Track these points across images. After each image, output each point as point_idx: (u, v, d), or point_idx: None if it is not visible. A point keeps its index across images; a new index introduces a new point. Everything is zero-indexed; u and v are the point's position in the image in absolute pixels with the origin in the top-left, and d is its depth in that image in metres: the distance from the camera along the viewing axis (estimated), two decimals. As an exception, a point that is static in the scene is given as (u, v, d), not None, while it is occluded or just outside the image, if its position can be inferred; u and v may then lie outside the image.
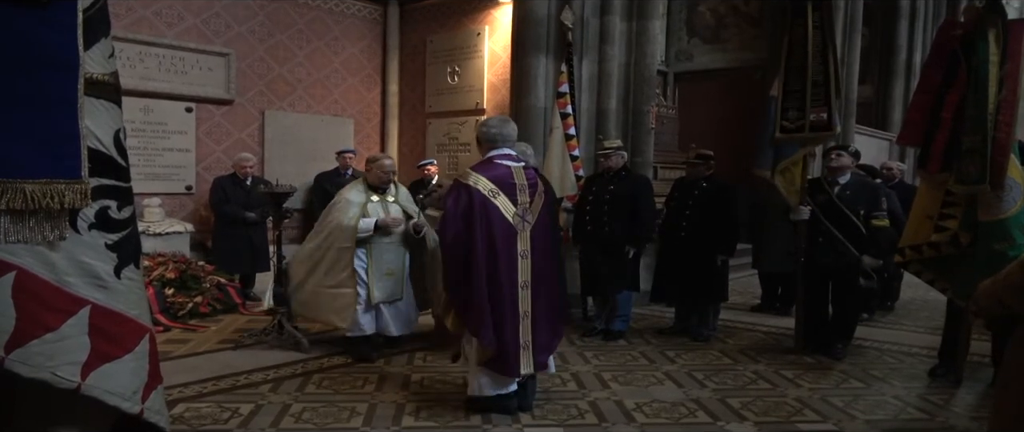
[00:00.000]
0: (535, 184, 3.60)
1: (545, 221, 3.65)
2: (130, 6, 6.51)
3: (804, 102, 4.71)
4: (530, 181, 3.58)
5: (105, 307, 1.49)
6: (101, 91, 1.50)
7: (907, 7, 12.11)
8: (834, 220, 4.79)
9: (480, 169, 3.50)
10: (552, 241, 3.71)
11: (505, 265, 3.43)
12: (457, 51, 8.28)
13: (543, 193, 3.65)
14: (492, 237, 3.40)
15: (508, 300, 3.44)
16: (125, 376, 1.51)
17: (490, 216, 3.40)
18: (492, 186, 3.43)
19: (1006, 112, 3.84)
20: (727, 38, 10.59)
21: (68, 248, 1.45)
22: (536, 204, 3.59)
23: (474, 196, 3.38)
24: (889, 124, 11.98)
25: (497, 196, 3.44)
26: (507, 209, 3.46)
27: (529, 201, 3.54)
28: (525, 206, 3.52)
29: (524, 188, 3.53)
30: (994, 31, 3.89)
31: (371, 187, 4.68)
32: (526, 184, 3.54)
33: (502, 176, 3.48)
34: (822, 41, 4.67)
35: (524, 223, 3.51)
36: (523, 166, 3.61)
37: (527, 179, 3.56)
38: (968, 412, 3.78)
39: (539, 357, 3.57)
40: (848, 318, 4.97)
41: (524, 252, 3.50)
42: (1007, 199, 3.84)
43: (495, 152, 3.57)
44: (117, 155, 1.54)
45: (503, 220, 3.43)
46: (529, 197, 3.54)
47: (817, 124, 4.70)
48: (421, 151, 8.53)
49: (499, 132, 3.59)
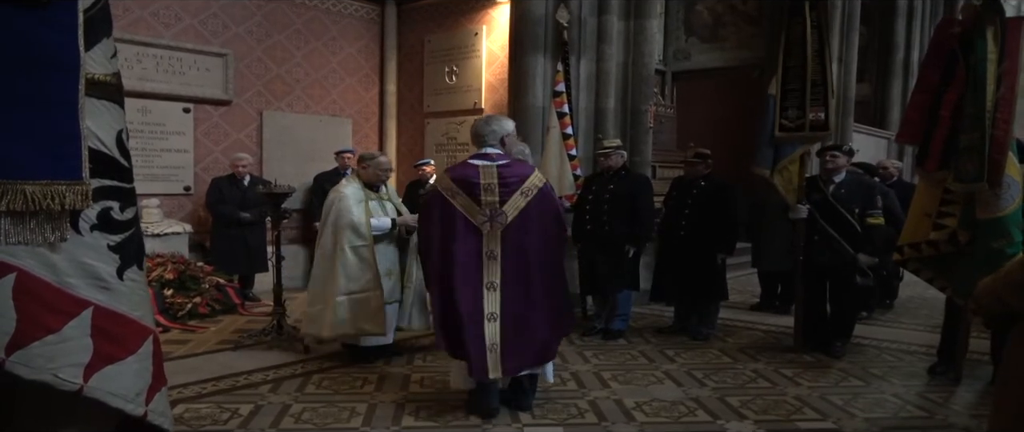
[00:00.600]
0: (513, 182, 3.46)
1: (529, 221, 3.47)
2: (127, 7, 6.49)
3: (804, 101, 4.72)
4: (505, 180, 3.45)
5: (107, 308, 1.48)
6: (103, 91, 1.49)
7: (905, 6, 12.13)
8: (830, 219, 4.80)
9: (450, 170, 3.56)
10: (542, 242, 3.49)
11: (464, 265, 3.40)
12: (455, 51, 8.26)
13: (528, 192, 3.48)
14: (450, 237, 3.42)
15: (468, 300, 3.39)
16: (128, 378, 1.51)
17: (448, 216, 3.43)
18: (453, 187, 3.47)
19: (1004, 110, 3.85)
20: (725, 37, 10.60)
21: (69, 249, 1.45)
22: (513, 203, 3.44)
23: (435, 198, 3.49)
24: (887, 122, 11.99)
25: (456, 196, 3.44)
26: (468, 209, 3.42)
27: (499, 200, 3.42)
28: (494, 205, 3.42)
29: (492, 187, 3.43)
30: (992, 29, 3.90)
31: (366, 185, 4.56)
32: (496, 183, 3.44)
33: (466, 176, 3.46)
34: (819, 41, 4.68)
35: (492, 223, 3.42)
36: (500, 165, 3.48)
37: (500, 178, 3.45)
38: (967, 410, 3.79)
39: (509, 362, 3.40)
40: (847, 316, 4.98)
41: (492, 252, 3.42)
42: (1005, 197, 3.85)
43: (475, 152, 3.57)
44: (119, 156, 1.54)
45: (463, 220, 3.42)
46: (500, 196, 3.42)
47: (816, 123, 4.71)
48: (420, 151, 8.52)
49: (475, 131, 3.59)
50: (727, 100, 10.18)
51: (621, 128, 6.68)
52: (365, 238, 4.32)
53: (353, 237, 4.32)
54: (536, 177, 3.53)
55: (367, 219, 4.35)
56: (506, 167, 3.48)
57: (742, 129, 9.04)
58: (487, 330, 3.38)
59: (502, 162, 3.49)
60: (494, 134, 3.54)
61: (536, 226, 3.47)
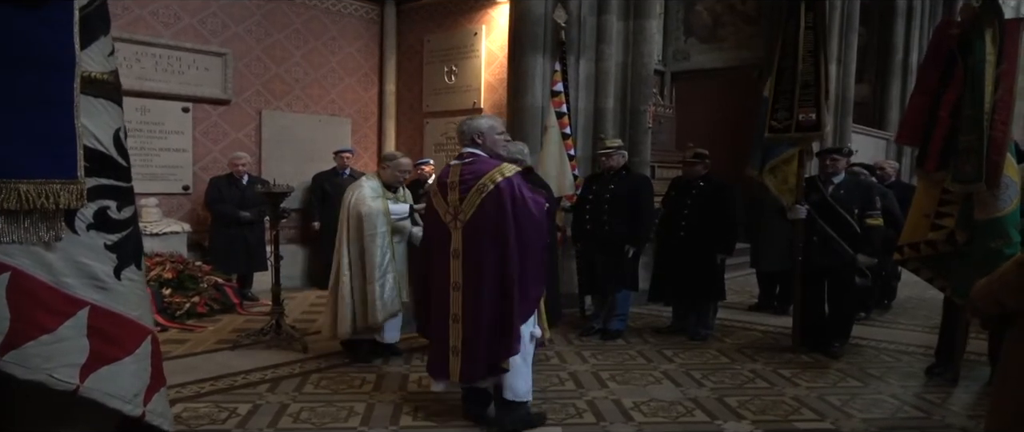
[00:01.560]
0: (469, 180, 3.34)
1: (483, 220, 3.30)
2: (127, 6, 6.48)
3: (792, 102, 4.72)
4: (466, 177, 3.36)
5: (104, 308, 1.48)
6: (100, 90, 1.49)
7: (904, 6, 12.14)
8: (828, 219, 4.80)
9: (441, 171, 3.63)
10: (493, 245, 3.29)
11: (438, 263, 3.46)
12: (454, 51, 8.26)
13: (483, 189, 3.29)
14: (432, 239, 3.55)
15: (439, 299, 3.44)
16: (126, 378, 1.50)
17: (430, 214, 3.57)
18: (434, 185, 3.58)
19: (1002, 111, 3.86)
20: (724, 37, 10.60)
21: (65, 249, 1.44)
22: (469, 201, 3.32)
23: (427, 197, 3.68)
24: (886, 123, 12.00)
25: (435, 195, 3.51)
26: (440, 207, 3.45)
27: (459, 198, 3.35)
28: (455, 204, 3.37)
29: (454, 186, 3.39)
30: (991, 30, 3.90)
31: (384, 185, 4.56)
32: (458, 182, 3.38)
33: (444, 174, 3.50)
34: (814, 42, 4.68)
35: (455, 222, 3.38)
36: (464, 163, 3.41)
37: (461, 176, 3.37)
38: (965, 411, 3.79)
39: (466, 366, 3.32)
40: (845, 317, 4.98)
41: (455, 252, 3.37)
42: (1003, 197, 3.86)
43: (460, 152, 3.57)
44: (117, 154, 1.53)
45: (437, 218, 3.47)
46: (459, 194, 3.35)
47: (805, 124, 4.70)
48: (419, 151, 8.51)
49: (457, 131, 3.58)
50: (726, 100, 10.18)
51: (620, 128, 6.68)
52: (384, 224, 4.40)
53: (369, 226, 4.39)
54: (495, 173, 3.31)
55: (387, 208, 4.43)
56: (468, 165, 3.40)
57: (741, 129, 9.04)
58: (451, 331, 3.36)
59: (467, 160, 3.42)
60: (464, 135, 3.50)
61: (489, 226, 3.30)
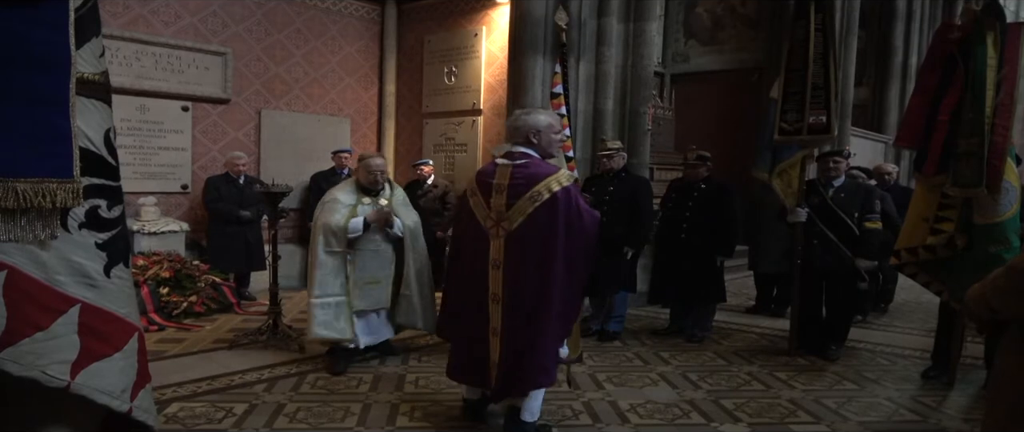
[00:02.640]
0: (520, 185, 3.03)
1: (533, 233, 3.01)
2: (127, 4, 6.50)
3: (803, 104, 4.70)
4: (517, 180, 3.04)
5: (95, 306, 1.49)
6: (92, 90, 1.50)
7: (903, 9, 12.15)
8: (828, 222, 4.81)
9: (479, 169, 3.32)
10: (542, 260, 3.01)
11: (471, 271, 3.14)
12: (454, 51, 8.27)
13: (537, 198, 3.01)
14: (465, 238, 3.24)
15: (473, 307, 3.14)
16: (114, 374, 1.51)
17: (467, 217, 3.22)
18: (473, 184, 3.22)
19: (1003, 116, 3.86)
20: (724, 40, 10.61)
21: (59, 247, 1.45)
22: (519, 209, 3.01)
23: (463, 195, 3.33)
24: (885, 126, 12.01)
25: (474, 195, 3.17)
26: (478, 210, 3.13)
27: (506, 204, 3.03)
28: (500, 210, 3.04)
29: (501, 189, 3.05)
30: (992, 35, 3.90)
31: (362, 189, 4.40)
32: (506, 184, 3.05)
33: (485, 173, 3.17)
34: (824, 44, 4.66)
35: (498, 228, 3.06)
36: (516, 165, 3.07)
37: (511, 179, 3.05)
38: (961, 414, 3.80)
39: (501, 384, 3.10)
40: (842, 320, 4.98)
41: (496, 261, 3.05)
42: (1003, 202, 3.86)
43: (504, 149, 3.20)
44: (107, 154, 1.55)
45: (474, 222, 3.15)
46: (506, 199, 3.03)
47: (816, 127, 4.69)
48: (418, 151, 8.52)
49: (509, 125, 3.22)
50: (725, 103, 10.19)
51: (620, 130, 6.69)
52: (340, 243, 4.20)
53: (329, 240, 4.21)
54: (551, 181, 3.02)
55: (346, 224, 4.20)
56: (520, 167, 3.06)
57: (740, 132, 9.07)
58: (491, 345, 3.11)
59: (520, 162, 3.08)
60: (519, 131, 3.12)
61: (537, 239, 3.00)
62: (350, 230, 4.20)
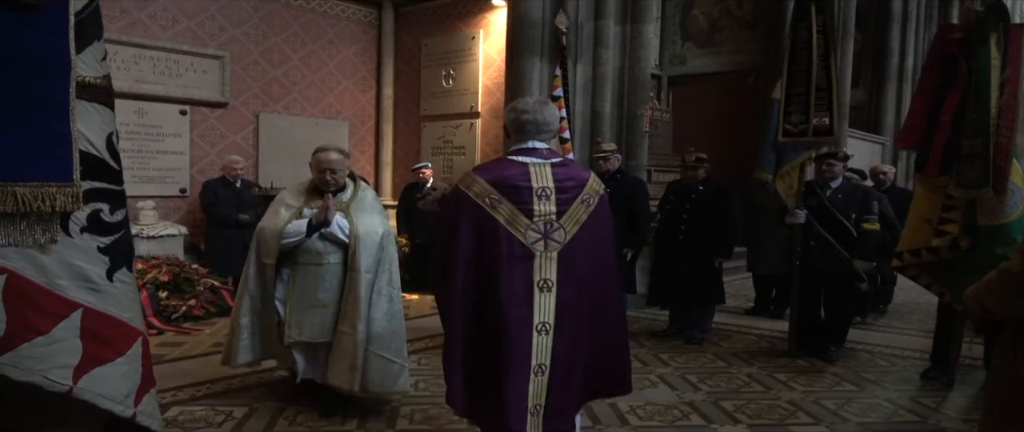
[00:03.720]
0: (571, 187, 2.58)
1: (593, 240, 2.60)
2: (125, 8, 6.50)
3: (808, 106, 4.70)
4: (564, 182, 2.57)
5: (97, 310, 1.49)
6: (93, 94, 1.50)
7: (899, 11, 12.19)
8: (826, 224, 4.81)
9: (482, 169, 2.60)
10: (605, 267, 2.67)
11: (509, 299, 2.47)
12: (452, 54, 8.29)
13: (590, 201, 2.60)
14: (487, 261, 2.48)
15: (515, 345, 2.47)
16: (117, 379, 1.51)
17: (485, 232, 2.49)
18: (491, 190, 2.49)
19: (1007, 117, 3.84)
20: (720, 42, 10.63)
21: (60, 251, 1.45)
22: (573, 215, 2.55)
23: (465, 205, 2.51)
24: (882, 128, 12.04)
25: (498, 205, 2.49)
26: (514, 222, 2.49)
27: (556, 211, 2.52)
28: (549, 218, 2.51)
29: (547, 192, 2.52)
30: (995, 35, 3.90)
31: (315, 189, 3.52)
32: (551, 187, 2.53)
33: (510, 177, 2.52)
34: (825, 46, 4.67)
35: (546, 242, 2.51)
36: (555, 164, 2.59)
37: (556, 180, 2.56)
38: (960, 415, 3.80)
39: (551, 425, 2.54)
40: (841, 321, 4.99)
41: (545, 282, 2.50)
42: (1009, 203, 3.85)
43: (516, 146, 2.63)
44: (110, 158, 1.54)
45: (508, 237, 2.48)
46: (558, 205, 2.53)
47: (820, 128, 4.69)
48: (416, 154, 8.53)
49: (531, 117, 2.59)
50: (723, 104, 10.21)
51: (617, 132, 6.70)
52: (270, 252, 3.38)
53: (262, 247, 3.45)
54: (595, 181, 2.67)
55: (284, 227, 3.38)
56: (561, 167, 2.61)
57: (738, 134, 9.08)
58: (532, 387, 2.49)
59: (556, 160, 2.62)
60: (547, 125, 2.63)
61: (593, 250, 2.61)
62: (286, 235, 3.34)
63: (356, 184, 3.63)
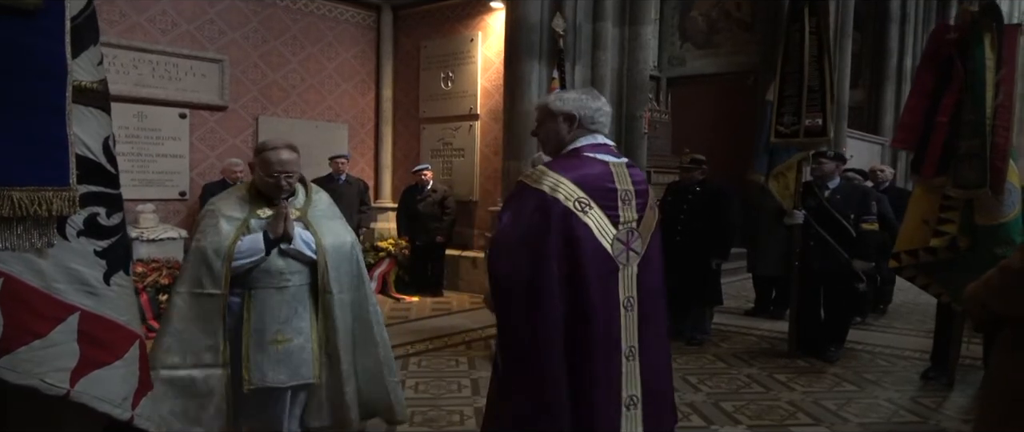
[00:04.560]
0: (646, 190, 2.29)
1: (658, 251, 2.34)
2: (123, 12, 6.50)
3: (800, 107, 4.72)
4: (639, 185, 2.26)
5: (94, 313, 1.49)
6: (90, 99, 1.50)
7: (897, 12, 12.21)
8: (825, 224, 4.82)
9: (562, 167, 2.14)
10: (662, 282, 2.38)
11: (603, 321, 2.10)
12: (451, 57, 8.29)
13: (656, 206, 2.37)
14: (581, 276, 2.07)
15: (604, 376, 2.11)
16: (115, 382, 1.51)
17: (578, 242, 2.07)
18: (579, 192, 2.09)
19: (1003, 116, 3.86)
20: (719, 43, 10.65)
21: (57, 255, 1.45)
22: (649, 222, 2.27)
23: (552, 210, 2.05)
24: (881, 128, 12.06)
25: (589, 210, 2.09)
26: (604, 231, 2.11)
27: (637, 218, 2.21)
28: (630, 226, 2.18)
29: (629, 196, 2.19)
30: (990, 36, 3.91)
31: (259, 195, 2.77)
32: (632, 191, 2.21)
33: (598, 177, 2.14)
34: (818, 47, 4.69)
35: (628, 253, 2.17)
36: (628, 162, 2.27)
37: (634, 183, 2.23)
38: (960, 415, 3.80)
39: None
40: (841, 321, 4.99)
41: (629, 300, 2.16)
42: (1007, 203, 3.86)
43: (586, 141, 2.22)
44: (106, 162, 1.55)
45: (599, 250, 2.10)
46: (637, 212, 2.21)
47: (812, 129, 4.70)
48: (416, 156, 8.53)
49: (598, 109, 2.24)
50: (722, 106, 10.22)
51: (616, 134, 6.70)
52: (216, 280, 2.57)
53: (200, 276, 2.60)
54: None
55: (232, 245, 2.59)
56: (634, 168, 2.29)
57: (737, 134, 9.09)
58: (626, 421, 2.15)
59: (626, 159, 2.28)
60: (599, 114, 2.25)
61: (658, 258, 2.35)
62: (238, 254, 2.59)
63: (307, 187, 2.95)
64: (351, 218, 7.27)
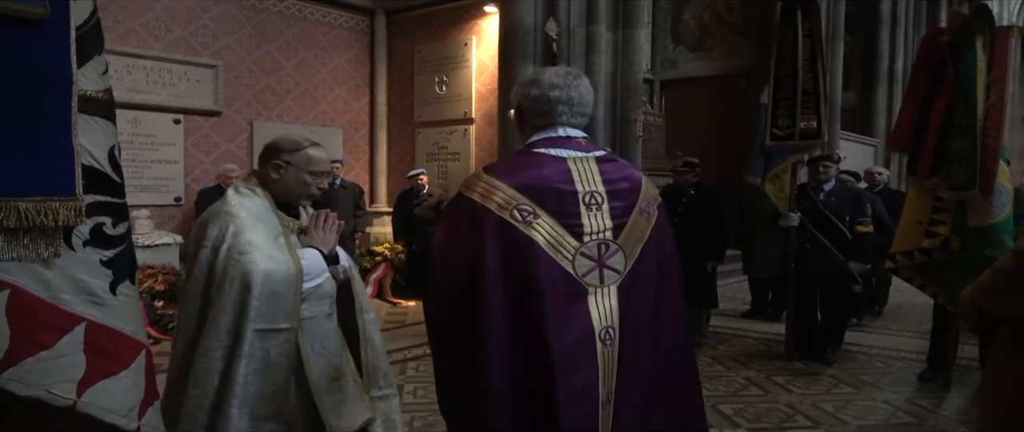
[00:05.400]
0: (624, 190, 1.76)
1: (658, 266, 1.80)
2: (118, 18, 6.48)
3: (794, 110, 4.75)
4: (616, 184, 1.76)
5: (101, 324, 1.48)
6: (95, 108, 1.50)
7: (888, 15, 12.30)
8: (820, 226, 4.84)
9: (500, 170, 1.73)
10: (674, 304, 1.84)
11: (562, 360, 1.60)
12: (445, 61, 8.30)
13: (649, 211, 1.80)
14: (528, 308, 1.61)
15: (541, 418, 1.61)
16: (121, 393, 1.50)
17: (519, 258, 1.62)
18: (520, 199, 1.65)
19: (994, 118, 3.90)
20: (712, 46, 10.69)
21: (63, 265, 1.44)
22: (635, 230, 1.75)
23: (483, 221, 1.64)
24: (873, 130, 12.13)
25: (534, 220, 1.64)
26: (560, 245, 1.65)
27: (611, 227, 1.71)
28: (602, 236, 1.69)
29: (598, 200, 1.71)
30: (982, 38, 3.95)
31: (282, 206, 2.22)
32: (602, 193, 1.72)
33: (547, 178, 1.69)
34: (811, 50, 4.72)
35: (602, 272, 1.68)
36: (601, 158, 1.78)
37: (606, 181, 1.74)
38: (957, 416, 3.82)
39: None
40: (838, 323, 5.01)
41: (605, 332, 1.65)
42: (997, 204, 3.90)
43: (542, 135, 1.78)
44: (111, 171, 1.54)
45: (553, 269, 1.63)
46: (613, 218, 1.72)
47: (807, 132, 4.74)
48: (411, 161, 8.53)
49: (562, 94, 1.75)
50: (715, 108, 10.27)
51: (611, 137, 6.73)
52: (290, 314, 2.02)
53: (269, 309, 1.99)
54: (650, 184, 1.87)
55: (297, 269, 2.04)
56: (609, 163, 1.79)
57: (730, 137, 9.13)
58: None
59: (600, 153, 1.80)
60: (584, 104, 1.79)
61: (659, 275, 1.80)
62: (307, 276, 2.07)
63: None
64: (347, 223, 7.27)
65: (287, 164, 2.19)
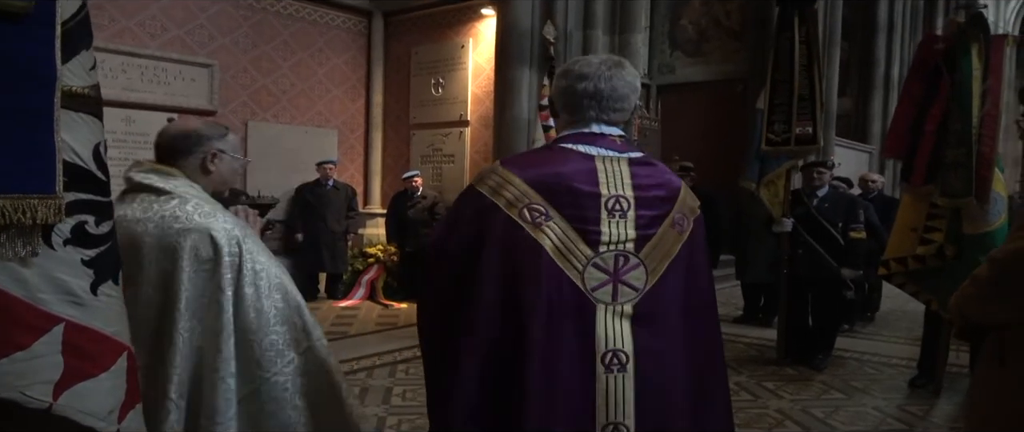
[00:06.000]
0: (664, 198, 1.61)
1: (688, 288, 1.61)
2: (113, 16, 6.46)
3: (790, 115, 4.75)
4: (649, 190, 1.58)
5: (80, 324, 1.45)
6: (81, 104, 1.47)
7: (885, 21, 12.34)
8: (813, 232, 4.84)
9: (519, 163, 1.59)
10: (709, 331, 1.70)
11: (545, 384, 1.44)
12: (441, 63, 8.29)
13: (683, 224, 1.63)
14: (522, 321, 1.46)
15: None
16: (101, 395, 1.48)
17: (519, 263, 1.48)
18: (532, 198, 1.50)
19: (989, 126, 3.90)
20: (709, 51, 10.70)
21: (41, 264, 1.42)
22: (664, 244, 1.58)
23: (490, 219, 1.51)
24: (868, 136, 12.16)
25: (543, 223, 1.49)
26: (568, 252, 1.49)
27: (635, 236, 1.54)
28: (622, 246, 1.52)
29: (622, 205, 1.53)
30: (977, 46, 3.95)
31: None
32: (629, 198, 1.54)
33: (568, 176, 1.52)
34: (808, 55, 4.73)
35: (616, 287, 1.51)
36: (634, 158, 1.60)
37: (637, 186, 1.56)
38: (947, 422, 3.82)
39: None
40: (829, 329, 5.01)
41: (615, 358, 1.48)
42: (992, 212, 3.90)
43: (572, 130, 1.62)
44: (96, 169, 1.51)
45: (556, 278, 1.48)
46: (639, 229, 1.54)
47: (802, 137, 4.74)
48: (405, 162, 8.52)
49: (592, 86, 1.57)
50: (711, 113, 10.27)
51: (606, 141, 6.72)
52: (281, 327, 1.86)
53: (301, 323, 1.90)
54: (689, 194, 1.70)
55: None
56: (644, 166, 1.61)
57: (726, 142, 9.13)
58: None
59: (636, 155, 1.62)
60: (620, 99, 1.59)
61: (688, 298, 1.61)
62: None
63: None
64: (339, 223, 7.25)
65: (221, 152, 1.96)
